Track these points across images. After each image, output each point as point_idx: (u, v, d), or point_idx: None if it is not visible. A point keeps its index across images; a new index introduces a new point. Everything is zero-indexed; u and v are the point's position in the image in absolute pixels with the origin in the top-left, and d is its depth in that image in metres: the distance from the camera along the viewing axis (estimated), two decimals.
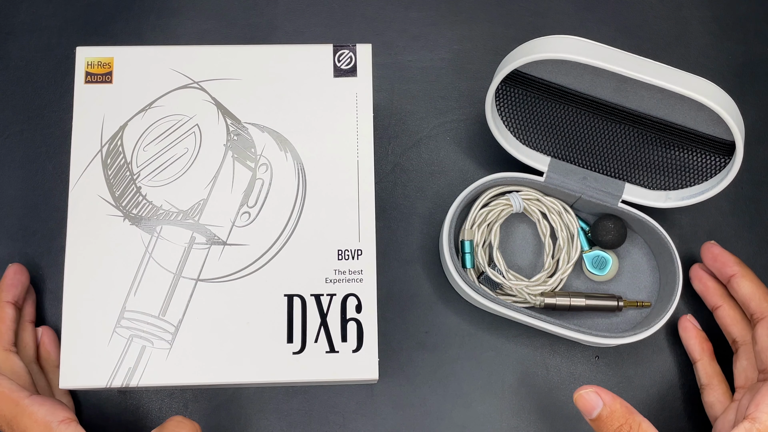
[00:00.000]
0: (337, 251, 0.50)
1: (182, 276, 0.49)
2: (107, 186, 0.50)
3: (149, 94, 0.52)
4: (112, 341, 0.48)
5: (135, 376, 0.48)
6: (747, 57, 0.64)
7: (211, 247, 0.50)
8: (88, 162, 0.50)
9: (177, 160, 0.51)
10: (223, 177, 0.51)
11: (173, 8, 0.64)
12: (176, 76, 0.52)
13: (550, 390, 0.57)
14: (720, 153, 0.53)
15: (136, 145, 0.51)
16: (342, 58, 0.53)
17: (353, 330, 0.49)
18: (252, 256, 0.50)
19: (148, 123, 0.51)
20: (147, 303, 0.49)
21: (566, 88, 0.53)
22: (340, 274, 0.50)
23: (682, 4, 0.65)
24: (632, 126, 0.54)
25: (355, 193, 0.51)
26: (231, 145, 0.51)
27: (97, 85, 0.52)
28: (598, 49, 0.50)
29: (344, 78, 0.53)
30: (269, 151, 0.51)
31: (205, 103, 0.52)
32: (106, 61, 0.52)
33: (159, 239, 0.50)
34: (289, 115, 0.52)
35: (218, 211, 0.50)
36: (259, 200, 0.51)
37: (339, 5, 0.64)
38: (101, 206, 0.50)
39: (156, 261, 0.49)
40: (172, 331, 0.49)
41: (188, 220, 0.50)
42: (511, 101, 0.55)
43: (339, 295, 0.50)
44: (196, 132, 0.51)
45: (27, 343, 0.54)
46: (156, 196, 0.50)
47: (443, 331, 0.58)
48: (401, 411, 0.57)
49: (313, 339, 0.49)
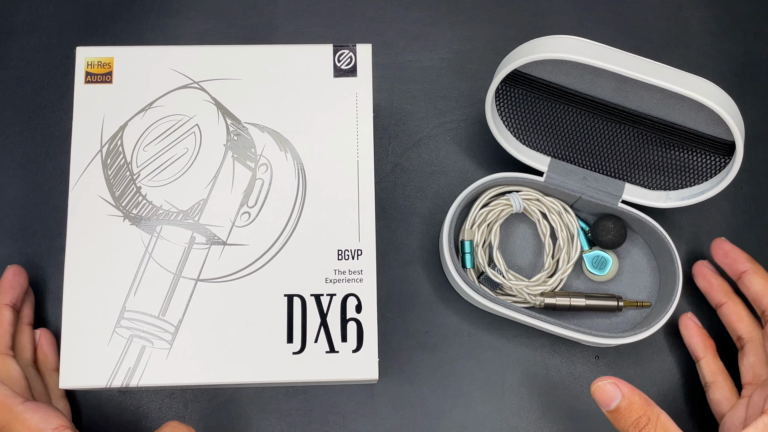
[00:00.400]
0: (337, 251, 0.50)
1: (182, 276, 0.49)
2: (107, 186, 0.50)
3: (149, 94, 0.52)
4: (112, 341, 0.48)
5: (135, 376, 0.48)
6: (747, 57, 0.64)
7: (211, 247, 0.50)
8: (88, 162, 0.50)
9: (177, 160, 0.51)
10: (223, 177, 0.51)
11: (173, 8, 0.64)
12: (176, 76, 0.52)
13: (550, 390, 0.57)
14: (720, 153, 0.53)
15: (136, 145, 0.51)
16: (342, 58, 0.53)
17: (353, 330, 0.49)
18: (252, 256, 0.50)
19: (148, 123, 0.51)
20: (147, 303, 0.49)
21: (566, 88, 0.53)
22: (340, 274, 0.50)
23: (682, 4, 0.65)
24: (632, 126, 0.54)
25: (355, 193, 0.51)
26: (231, 145, 0.51)
27: (97, 85, 0.52)
28: (598, 49, 0.50)
29: (344, 78, 0.53)
30: (269, 151, 0.51)
31: (205, 103, 0.52)
32: (106, 61, 0.52)
33: (159, 239, 0.50)
34: (289, 115, 0.52)
35: (218, 211, 0.50)
36: (259, 200, 0.51)
37: (339, 5, 0.64)
38: (101, 206, 0.50)
39: (156, 261, 0.49)
40: (172, 331, 0.49)
41: (188, 220, 0.50)
42: (511, 101, 0.55)
43: (339, 295, 0.50)
44: (196, 132, 0.51)
45: (24, 346, 0.54)
46: (156, 196, 0.50)
47: (443, 331, 0.58)
48: (401, 411, 0.57)
49: (313, 339, 0.49)
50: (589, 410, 0.57)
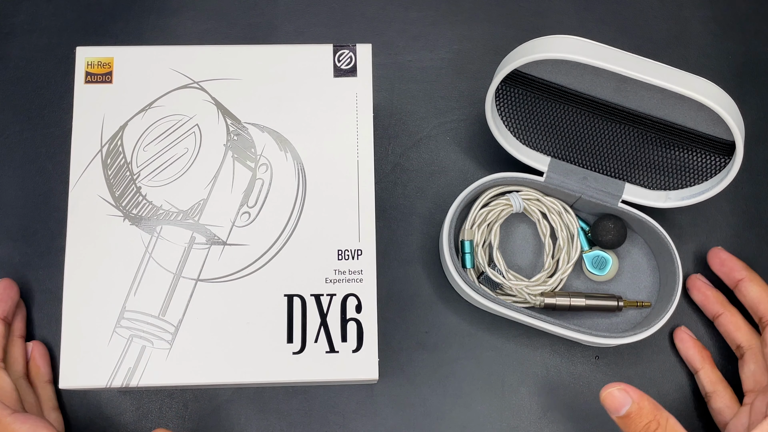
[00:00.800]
0: (337, 251, 0.50)
1: (182, 276, 0.49)
2: (107, 186, 0.50)
3: (149, 94, 0.52)
4: (112, 341, 0.48)
5: (135, 376, 0.48)
6: (747, 57, 0.64)
7: (211, 247, 0.50)
8: (88, 162, 0.50)
9: (177, 160, 0.51)
10: (223, 177, 0.51)
11: (173, 8, 0.64)
12: (176, 76, 0.52)
13: (550, 390, 0.57)
14: (720, 153, 0.53)
15: (136, 145, 0.51)
16: (342, 58, 0.53)
17: (353, 330, 0.49)
18: (252, 256, 0.50)
19: (148, 123, 0.51)
20: (147, 303, 0.49)
21: (566, 88, 0.53)
22: (340, 274, 0.50)
23: (682, 4, 0.65)
24: (632, 126, 0.54)
25: (355, 193, 0.51)
26: (231, 145, 0.51)
27: (97, 85, 0.52)
28: (598, 49, 0.50)
29: (344, 78, 0.53)
30: (269, 151, 0.51)
31: (205, 103, 0.52)
32: (106, 61, 0.52)
33: (159, 239, 0.50)
34: (289, 115, 0.52)
35: (218, 211, 0.50)
36: (259, 200, 0.51)
37: (339, 5, 0.64)
38: (101, 206, 0.50)
39: (156, 261, 0.49)
40: (172, 331, 0.49)
41: (188, 220, 0.50)
42: (511, 101, 0.55)
43: (339, 295, 0.50)
44: (196, 132, 0.51)
45: (16, 358, 0.54)
46: (156, 196, 0.50)
47: (443, 331, 0.58)
48: (401, 411, 0.57)
49: (313, 339, 0.49)
50: (589, 410, 0.57)
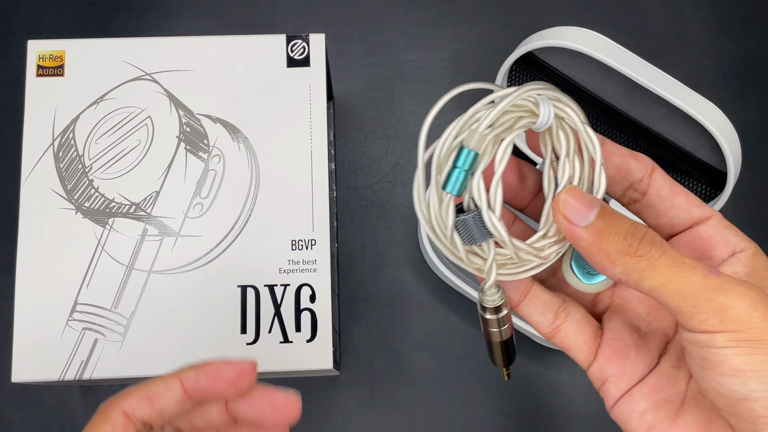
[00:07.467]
0: (291, 241, 0.50)
1: (135, 268, 0.49)
2: (59, 179, 0.50)
3: (101, 86, 0.51)
4: (64, 334, 0.48)
5: (88, 369, 0.48)
6: (747, 57, 0.64)
7: (163, 239, 0.50)
8: (40, 155, 0.50)
9: (129, 153, 0.51)
10: (175, 168, 0.51)
11: (173, 8, 0.63)
12: (128, 68, 0.52)
13: (549, 390, 0.57)
14: (710, 183, 0.53)
15: (88, 138, 0.51)
16: (295, 48, 0.53)
17: (307, 320, 0.49)
18: (205, 248, 0.50)
19: (100, 115, 0.51)
20: (99, 296, 0.49)
21: (577, 83, 0.53)
22: (293, 264, 0.50)
23: (682, 4, 0.65)
24: (632, 135, 0.54)
25: (308, 183, 0.51)
26: (183, 136, 0.51)
27: (48, 78, 0.51)
28: (616, 50, 0.49)
29: (297, 68, 0.52)
30: (222, 142, 0.51)
31: (158, 95, 0.51)
32: (57, 54, 0.52)
33: (111, 232, 0.49)
34: (242, 105, 0.52)
35: (171, 203, 0.50)
36: (212, 191, 0.50)
37: (339, 5, 0.64)
38: (53, 199, 0.50)
39: (108, 254, 0.49)
40: (125, 324, 0.48)
41: (140, 213, 0.50)
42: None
43: (293, 285, 0.49)
44: (148, 124, 0.51)
45: None
46: (108, 188, 0.50)
47: (443, 331, 0.58)
48: (401, 411, 0.56)
49: (267, 329, 0.49)
50: (589, 410, 0.56)
